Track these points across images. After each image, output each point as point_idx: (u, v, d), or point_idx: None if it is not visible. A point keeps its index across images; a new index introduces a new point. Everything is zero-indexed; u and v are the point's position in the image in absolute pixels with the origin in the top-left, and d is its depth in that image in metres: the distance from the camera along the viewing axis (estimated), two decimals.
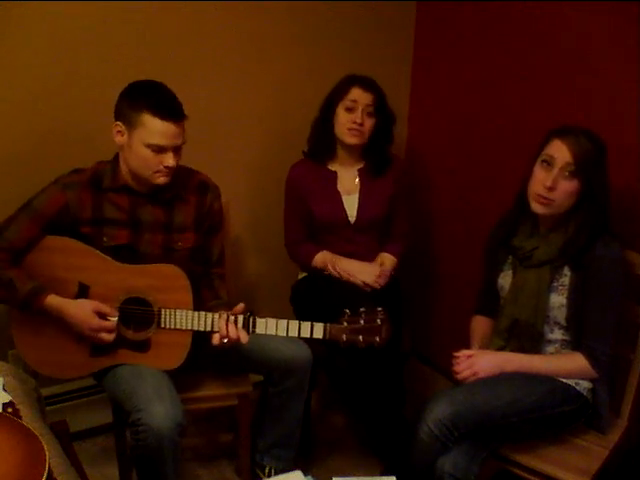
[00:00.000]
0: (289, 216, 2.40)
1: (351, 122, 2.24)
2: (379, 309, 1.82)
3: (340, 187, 2.35)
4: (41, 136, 2.13)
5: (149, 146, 1.78)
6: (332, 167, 2.37)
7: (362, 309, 1.82)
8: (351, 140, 2.27)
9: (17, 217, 1.84)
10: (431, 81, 2.74)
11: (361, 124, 2.24)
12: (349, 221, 2.35)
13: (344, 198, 2.35)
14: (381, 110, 2.29)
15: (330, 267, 2.32)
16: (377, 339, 1.81)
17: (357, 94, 2.24)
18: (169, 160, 1.80)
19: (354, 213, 2.35)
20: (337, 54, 2.56)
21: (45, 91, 2.11)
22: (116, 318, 1.84)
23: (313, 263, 2.36)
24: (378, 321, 1.81)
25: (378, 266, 2.35)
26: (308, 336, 1.83)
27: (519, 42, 2.30)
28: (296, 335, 1.83)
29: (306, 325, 1.83)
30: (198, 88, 2.35)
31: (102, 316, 1.83)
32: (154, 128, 1.76)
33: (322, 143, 2.33)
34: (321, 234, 2.39)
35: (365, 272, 2.31)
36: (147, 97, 1.78)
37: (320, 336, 1.82)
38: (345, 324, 1.81)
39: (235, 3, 2.33)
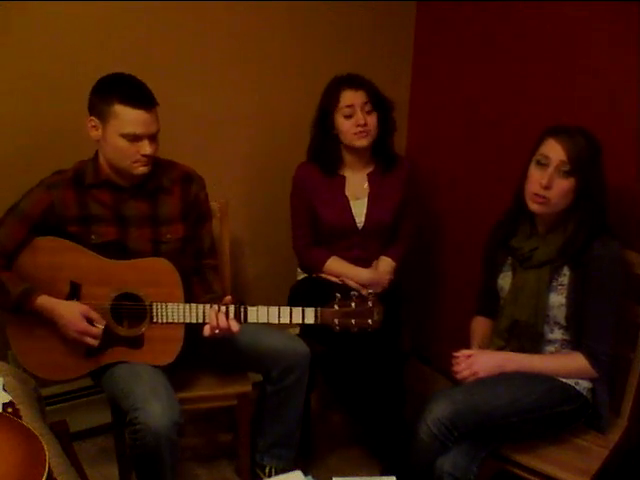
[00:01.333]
0: (297, 219, 2.35)
1: (355, 126, 2.20)
2: (370, 291, 1.82)
3: (348, 192, 2.32)
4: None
5: (124, 136, 1.79)
6: (340, 172, 2.34)
7: (353, 292, 1.82)
8: (362, 142, 2.23)
9: (5, 220, 1.86)
10: (431, 81, 2.73)
11: (365, 124, 2.21)
12: (357, 227, 2.32)
13: (352, 203, 2.31)
14: (378, 102, 2.25)
15: (338, 279, 2.31)
16: (370, 322, 1.81)
17: (350, 97, 2.21)
18: (146, 148, 1.81)
19: (362, 219, 2.32)
20: (337, 54, 2.56)
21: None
22: (102, 326, 1.85)
23: (324, 269, 2.33)
24: (369, 303, 1.80)
25: (386, 274, 2.34)
26: (300, 322, 1.83)
27: (519, 42, 2.30)
28: (288, 321, 1.83)
29: (297, 310, 1.83)
30: (197, 88, 2.35)
31: (90, 321, 1.84)
32: (127, 117, 1.78)
33: (328, 154, 2.29)
34: (327, 238, 2.35)
35: (374, 283, 2.29)
36: (117, 88, 1.80)
37: (312, 321, 1.82)
38: (336, 307, 1.81)
39: (235, 3, 2.33)
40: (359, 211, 2.32)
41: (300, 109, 2.39)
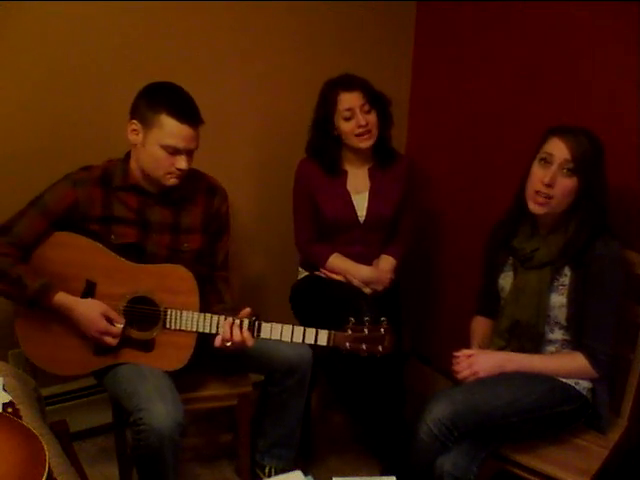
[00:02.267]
0: (299, 215, 2.37)
1: (357, 127, 2.20)
2: (383, 319, 1.83)
3: (349, 186, 2.33)
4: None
5: (164, 147, 1.79)
6: (342, 166, 2.34)
7: (366, 318, 1.83)
8: (366, 144, 2.24)
9: (27, 212, 1.84)
10: (431, 81, 2.73)
11: (366, 124, 2.20)
12: (359, 220, 2.33)
13: (353, 197, 2.32)
14: (374, 99, 2.25)
15: (340, 277, 2.32)
16: (380, 349, 1.82)
17: (347, 100, 2.21)
18: (182, 163, 1.82)
19: (364, 212, 2.33)
20: (337, 54, 2.56)
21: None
22: (122, 325, 1.85)
23: (327, 266, 2.34)
24: (382, 331, 1.81)
25: (387, 273, 2.35)
26: (312, 342, 1.84)
27: (519, 42, 2.30)
28: (300, 341, 1.84)
29: (311, 332, 1.83)
30: (198, 88, 2.34)
31: (109, 321, 1.84)
32: (171, 130, 1.78)
33: (329, 155, 2.30)
34: (330, 233, 2.36)
35: (375, 281, 2.30)
36: (167, 98, 1.79)
37: (324, 343, 1.83)
38: (349, 332, 1.82)
39: (236, 3, 2.33)
40: (360, 205, 2.33)
41: (301, 108, 2.39)
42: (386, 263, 2.38)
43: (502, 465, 1.85)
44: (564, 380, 1.82)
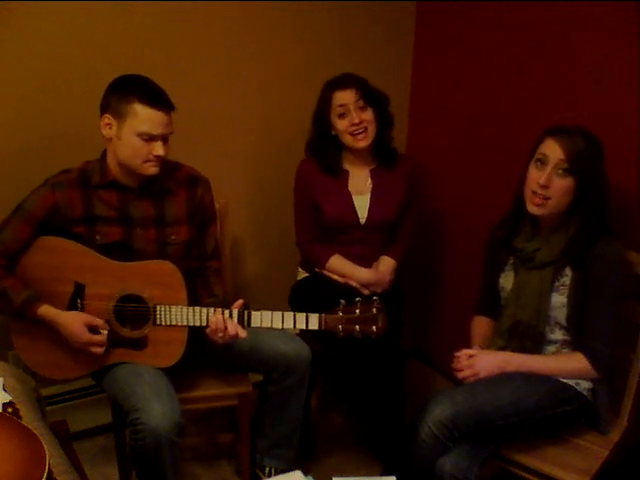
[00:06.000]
0: (300, 214, 2.36)
1: (350, 125, 2.20)
2: (375, 298, 1.82)
3: (351, 187, 2.32)
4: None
5: (140, 135, 1.79)
6: (343, 166, 2.34)
7: (358, 299, 1.82)
8: (361, 144, 2.22)
9: (9, 221, 1.85)
10: (431, 81, 2.73)
11: (360, 122, 2.20)
12: (359, 222, 2.32)
13: (355, 198, 2.31)
14: (370, 97, 2.23)
15: (340, 279, 2.32)
16: (374, 328, 1.80)
17: (340, 97, 2.20)
18: (159, 149, 1.82)
19: (365, 214, 2.32)
20: (338, 54, 2.56)
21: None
22: (106, 332, 1.85)
23: (327, 267, 2.34)
24: (374, 310, 1.80)
25: (387, 275, 2.35)
26: (304, 327, 1.83)
27: (519, 42, 2.30)
28: (292, 327, 1.83)
29: (301, 316, 1.83)
30: (196, 87, 2.35)
31: (93, 329, 1.84)
32: (145, 116, 1.79)
33: (328, 156, 2.29)
34: (330, 233, 2.36)
35: (374, 283, 2.30)
36: (137, 88, 1.81)
37: (316, 327, 1.82)
38: (340, 314, 1.81)
39: (235, 4, 2.33)
40: (362, 206, 2.32)
41: (301, 109, 2.39)
42: (386, 265, 2.37)
43: (502, 465, 1.85)
44: (564, 380, 1.82)
